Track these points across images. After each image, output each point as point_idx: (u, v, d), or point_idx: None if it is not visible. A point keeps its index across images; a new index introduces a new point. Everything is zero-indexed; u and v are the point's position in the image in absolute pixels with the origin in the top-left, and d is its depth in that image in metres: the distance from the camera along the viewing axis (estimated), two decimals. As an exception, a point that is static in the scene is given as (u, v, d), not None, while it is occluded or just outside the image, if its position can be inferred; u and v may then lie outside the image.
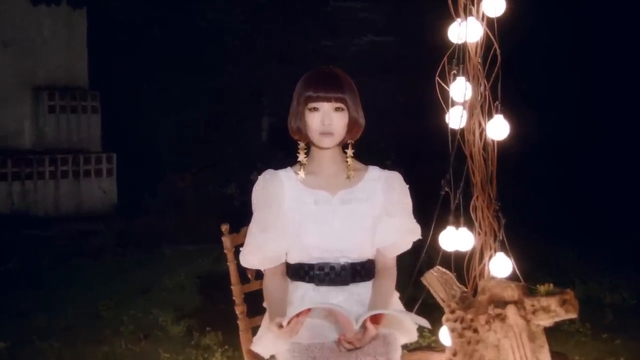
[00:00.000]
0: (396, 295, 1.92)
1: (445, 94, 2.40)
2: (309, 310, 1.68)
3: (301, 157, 1.86)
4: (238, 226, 2.03)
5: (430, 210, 2.31)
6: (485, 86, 2.38)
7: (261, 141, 7.40)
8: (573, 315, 1.77)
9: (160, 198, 6.38)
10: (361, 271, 1.84)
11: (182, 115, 7.06)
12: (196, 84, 6.98)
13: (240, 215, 2.09)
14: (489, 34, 2.36)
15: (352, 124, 1.82)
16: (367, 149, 2.07)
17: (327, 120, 1.78)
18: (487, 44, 2.37)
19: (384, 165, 1.95)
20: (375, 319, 1.69)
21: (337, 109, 1.79)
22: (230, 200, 6.60)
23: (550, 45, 6.87)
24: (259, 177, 1.89)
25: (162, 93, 6.96)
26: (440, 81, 2.38)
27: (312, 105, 1.78)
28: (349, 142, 1.86)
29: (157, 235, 5.50)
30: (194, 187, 6.70)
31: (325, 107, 1.78)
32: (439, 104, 2.39)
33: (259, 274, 1.98)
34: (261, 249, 1.84)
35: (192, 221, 5.70)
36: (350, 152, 1.86)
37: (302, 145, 1.86)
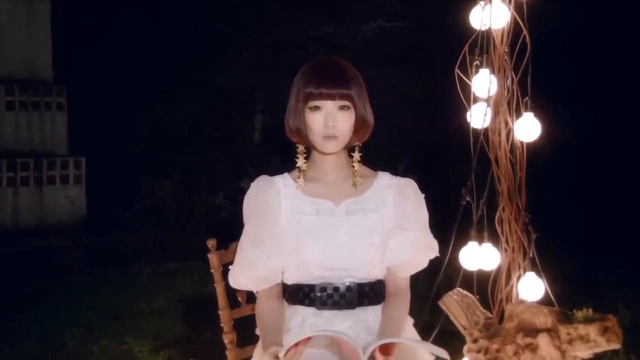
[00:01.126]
0: (410, 321, 1.93)
1: (466, 88, 2.40)
2: (309, 338, 1.68)
3: (300, 162, 1.88)
4: (227, 241, 2.03)
5: (449, 223, 2.31)
6: (512, 79, 2.38)
7: (253, 143, 7.44)
8: (616, 346, 1.76)
9: (137, 209, 6.41)
10: (369, 293, 1.84)
11: (162, 113, 7.10)
12: (178, 78, 7.01)
13: (229, 229, 2.09)
14: (517, 19, 2.36)
15: (359, 124, 1.84)
16: (377, 152, 2.08)
17: (330, 121, 1.79)
18: (515, 31, 2.38)
19: (395, 171, 1.96)
20: (386, 349, 1.67)
21: (342, 108, 1.81)
22: (217, 211, 6.63)
23: (587, 32, 6.87)
24: (252, 184, 1.90)
25: (139, 88, 6.99)
26: (460, 74, 2.38)
27: (313, 103, 1.80)
28: (355, 144, 1.87)
29: (133, 251, 5.51)
30: (176, 196, 6.73)
31: (329, 105, 1.80)
32: (459, 100, 2.39)
33: (250, 297, 1.99)
34: (254, 267, 1.85)
35: (173, 235, 5.72)
36: (357, 155, 1.88)
37: (301, 148, 1.88)
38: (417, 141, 6.77)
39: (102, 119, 6.86)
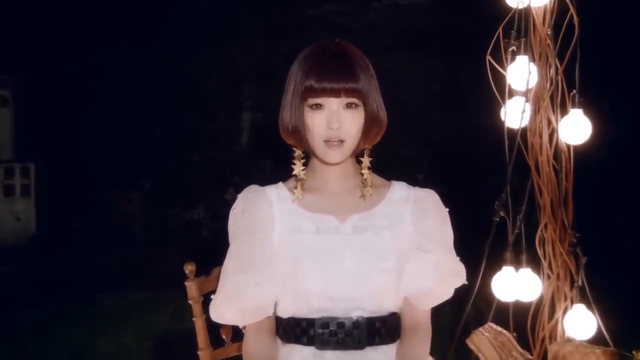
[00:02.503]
0: (431, 363, 1.89)
1: (500, 79, 2.41)
2: None
3: (297, 169, 1.88)
4: (208, 266, 2.03)
5: (480, 243, 2.31)
6: (556, 69, 2.39)
7: (240, 146, 7.45)
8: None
9: (97, 226, 6.40)
10: (381, 329, 1.83)
11: (128, 110, 7.09)
12: (147, 65, 7.01)
13: (211, 250, 2.09)
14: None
15: (370, 124, 1.84)
16: (391, 157, 2.10)
17: (335, 122, 1.80)
18: (559, 9, 2.39)
19: (414, 181, 1.95)
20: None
21: (349, 106, 1.82)
22: (197, 228, 6.63)
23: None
24: (238, 196, 1.91)
25: (99, 79, 6.98)
26: (493, 62, 2.39)
27: (313, 101, 1.81)
28: (365, 148, 1.88)
29: (92, 278, 5.50)
30: (146, 211, 6.74)
31: (333, 103, 1.81)
32: (492, 94, 2.40)
33: (237, 334, 1.97)
34: (240, 297, 1.84)
35: (143, 259, 5.71)
36: (366, 161, 1.88)
37: (298, 152, 1.89)
38: (440, 144, 6.76)
39: (56, 117, 6.85)
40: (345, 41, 1.89)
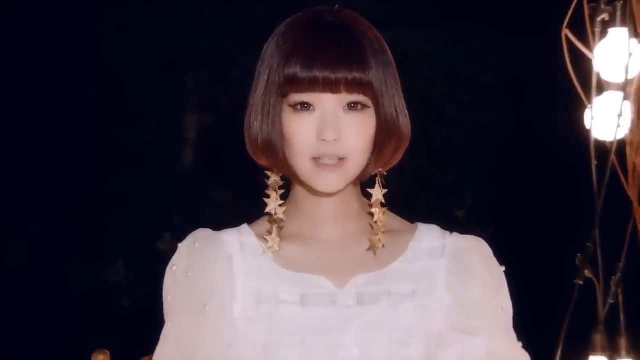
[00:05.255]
0: None
1: (582, 64, 2.43)
2: None
3: (273, 203, 1.89)
4: (132, 354, 2.03)
5: (554, 319, 2.29)
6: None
7: (181, 167, 7.37)
8: None
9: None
10: None
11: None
12: (31, 48, 7.04)
13: (134, 331, 2.07)
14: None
15: (384, 136, 1.86)
16: (415, 186, 2.09)
17: (330, 131, 1.80)
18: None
19: (451, 222, 2.03)
20: None
21: (352, 107, 1.82)
22: (113, 295, 6.57)
23: None
24: (180, 246, 1.93)
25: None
26: (572, 38, 2.39)
27: (298, 98, 1.82)
28: (376, 172, 1.90)
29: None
30: (29, 267, 6.70)
31: (329, 103, 1.81)
32: (569, 87, 2.40)
33: None
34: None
35: (28, 339, 5.69)
36: (379, 193, 1.90)
37: (274, 178, 1.91)
38: (490, 164, 6.72)
39: None
40: (348, 9, 1.90)
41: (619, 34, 2.42)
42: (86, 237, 6.71)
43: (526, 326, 1.94)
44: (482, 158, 6.76)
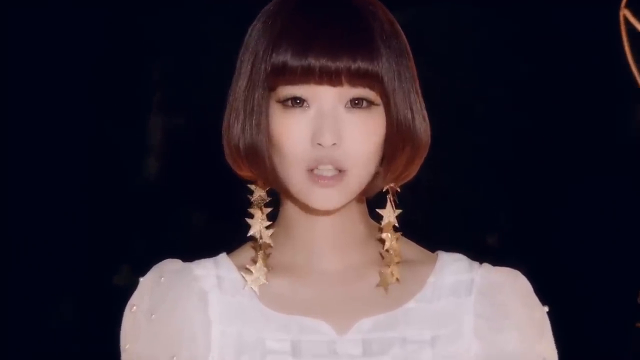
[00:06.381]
0: None
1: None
2: None
3: (257, 225, 1.75)
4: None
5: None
6: None
7: (144, 180, 7.18)
8: None
9: None
10: None
11: None
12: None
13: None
14: None
15: (397, 141, 1.71)
16: (435, 204, 1.88)
17: (329, 134, 1.66)
18: None
19: (480, 249, 1.91)
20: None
21: (356, 104, 1.69)
22: (60, 341, 6.40)
23: None
24: (141, 280, 1.79)
25: None
26: (631, 18, 2.16)
27: (289, 92, 1.69)
28: (386, 188, 1.75)
29: None
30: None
31: (327, 98, 1.67)
32: (628, 77, 2.16)
33: None
34: None
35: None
36: (391, 214, 1.75)
37: (258, 193, 1.77)
38: (530, 177, 6.52)
39: None
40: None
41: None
42: (25, 271, 6.47)
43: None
44: (519, 170, 6.51)
